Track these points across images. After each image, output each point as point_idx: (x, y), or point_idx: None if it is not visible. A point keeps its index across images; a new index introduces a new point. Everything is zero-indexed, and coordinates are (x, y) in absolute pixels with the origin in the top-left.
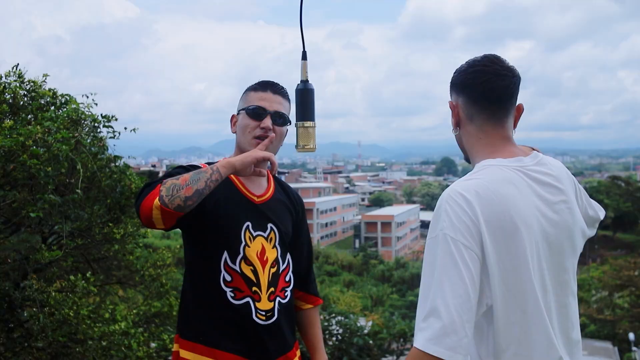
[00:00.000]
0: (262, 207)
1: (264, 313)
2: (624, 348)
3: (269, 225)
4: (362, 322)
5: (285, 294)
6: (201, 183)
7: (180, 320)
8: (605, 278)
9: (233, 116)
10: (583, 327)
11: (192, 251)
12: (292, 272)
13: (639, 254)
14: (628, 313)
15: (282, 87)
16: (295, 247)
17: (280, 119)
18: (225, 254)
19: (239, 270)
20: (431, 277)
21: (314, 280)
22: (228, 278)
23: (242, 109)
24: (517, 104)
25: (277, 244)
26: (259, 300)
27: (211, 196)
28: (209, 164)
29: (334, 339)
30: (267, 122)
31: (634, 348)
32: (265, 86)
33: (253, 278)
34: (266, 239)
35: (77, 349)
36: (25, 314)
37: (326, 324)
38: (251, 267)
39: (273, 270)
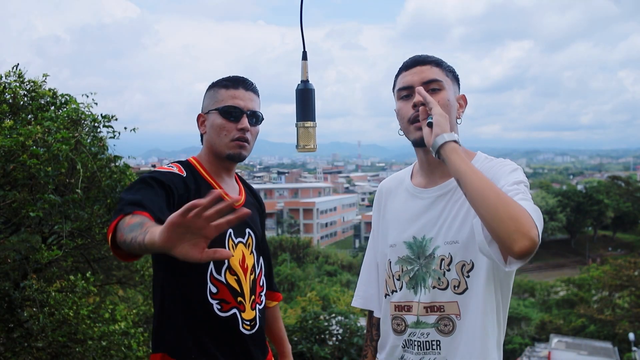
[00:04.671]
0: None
1: (248, 323)
2: (624, 348)
3: (247, 230)
4: (362, 322)
5: (261, 299)
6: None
7: (162, 336)
8: (605, 278)
9: (200, 115)
10: (583, 327)
11: (172, 262)
12: (264, 275)
13: (639, 254)
14: (628, 313)
15: (252, 83)
16: (263, 249)
17: (256, 119)
18: (211, 265)
19: (224, 281)
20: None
21: (273, 276)
22: (214, 290)
23: (214, 109)
24: None
25: (253, 249)
26: (244, 310)
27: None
28: (180, 162)
29: (334, 339)
30: (245, 123)
31: (634, 348)
32: (237, 83)
33: (237, 288)
34: (245, 244)
35: (77, 349)
36: (25, 314)
37: (326, 324)
38: (235, 277)
39: (252, 277)
